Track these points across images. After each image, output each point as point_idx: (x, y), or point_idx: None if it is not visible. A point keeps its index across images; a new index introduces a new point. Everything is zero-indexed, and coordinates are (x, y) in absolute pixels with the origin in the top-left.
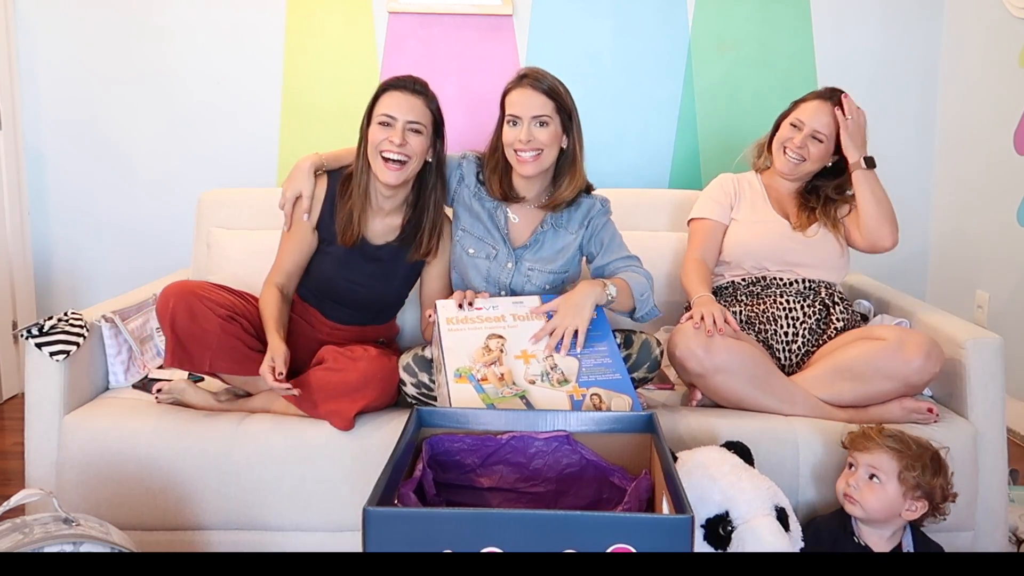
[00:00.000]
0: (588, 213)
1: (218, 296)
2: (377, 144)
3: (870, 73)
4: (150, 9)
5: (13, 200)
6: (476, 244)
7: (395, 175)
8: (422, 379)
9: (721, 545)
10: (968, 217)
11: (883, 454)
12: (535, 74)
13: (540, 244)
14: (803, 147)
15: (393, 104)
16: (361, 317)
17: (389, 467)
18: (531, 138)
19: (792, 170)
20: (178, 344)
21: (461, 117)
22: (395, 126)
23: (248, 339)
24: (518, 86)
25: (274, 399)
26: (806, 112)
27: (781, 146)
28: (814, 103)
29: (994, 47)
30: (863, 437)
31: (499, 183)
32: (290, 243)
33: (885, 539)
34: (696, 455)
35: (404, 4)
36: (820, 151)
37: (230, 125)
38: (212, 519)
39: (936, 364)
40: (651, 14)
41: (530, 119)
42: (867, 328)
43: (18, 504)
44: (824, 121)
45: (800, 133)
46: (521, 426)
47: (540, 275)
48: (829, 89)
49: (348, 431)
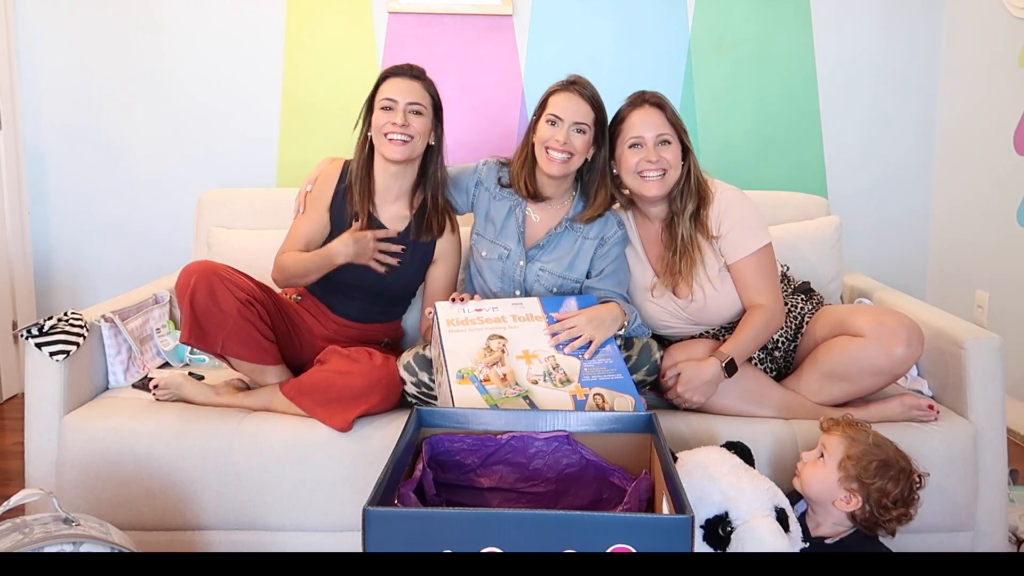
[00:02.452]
0: (604, 230)
1: (239, 280)
2: (381, 127)
3: (870, 73)
4: (150, 9)
5: (13, 200)
6: (488, 247)
7: (400, 151)
8: (422, 378)
9: (720, 546)
10: (968, 217)
11: (837, 437)
12: (583, 82)
13: (554, 244)
14: (657, 159)
15: (393, 89)
16: (369, 312)
17: (389, 467)
18: (567, 141)
19: (662, 188)
20: (195, 322)
21: (461, 117)
22: (397, 108)
23: (263, 327)
24: (565, 90)
25: (274, 397)
26: (642, 127)
27: (636, 172)
28: (638, 114)
29: (994, 47)
30: (833, 422)
31: (525, 180)
32: (302, 222)
33: (823, 528)
34: (696, 455)
35: (404, 4)
36: (672, 153)
37: (230, 125)
38: (212, 519)
39: (918, 348)
40: (651, 14)
41: (571, 123)
42: (843, 318)
43: (18, 504)
44: (660, 124)
45: (648, 148)
46: (521, 426)
47: (551, 277)
48: (631, 97)
49: (347, 432)
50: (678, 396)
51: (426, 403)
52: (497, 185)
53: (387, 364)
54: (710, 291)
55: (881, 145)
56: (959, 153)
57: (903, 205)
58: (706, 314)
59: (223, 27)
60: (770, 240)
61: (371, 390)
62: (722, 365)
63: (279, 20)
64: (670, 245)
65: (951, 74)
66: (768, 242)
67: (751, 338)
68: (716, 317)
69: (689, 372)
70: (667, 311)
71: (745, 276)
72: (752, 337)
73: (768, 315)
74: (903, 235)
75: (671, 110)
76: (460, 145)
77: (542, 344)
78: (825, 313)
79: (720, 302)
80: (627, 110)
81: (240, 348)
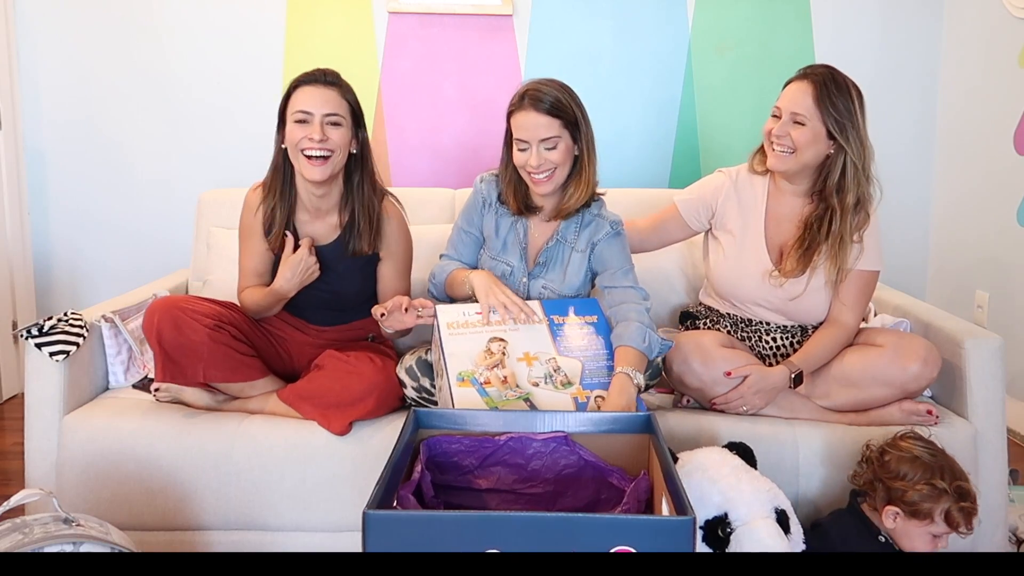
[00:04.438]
0: (593, 235)
1: (203, 307)
2: (297, 143)
3: (870, 73)
4: (150, 9)
5: (13, 200)
6: (491, 264)
7: (320, 171)
8: (424, 384)
9: (720, 547)
10: (968, 217)
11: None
12: (535, 93)
13: (550, 260)
14: (784, 135)
15: (307, 99)
16: (341, 316)
17: (388, 469)
18: (542, 161)
19: (782, 164)
20: (167, 358)
21: (461, 117)
22: (312, 122)
23: (238, 345)
24: (520, 108)
25: (269, 402)
26: (783, 98)
27: (768, 140)
28: (790, 87)
29: (994, 47)
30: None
31: (515, 197)
32: (246, 258)
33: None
34: (696, 456)
35: (404, 4)
36: (805, 135)
37: (230, 125)
38: (212, 519)
39: (933, 369)
40: (651, 14)
41: (538, 143)
42: (863, 332)
43: (18, 504)
44: (801, 102)
45: (779, 121)
46: (519, 427)
47: (554, 296)
48: (803, 69)
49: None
50: (740, 398)
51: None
52: (498, 201)
53: (385, 369)
54: (815, 287)
55: (881, 145)
56: (959, 153)
57: (903, 205)
58: (801, 311)
59: (224, 27)
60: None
61: (368, 394)
62: (791, 376)
63: (279, 20)
64: (812, 232)
65: (951, 74)
66: (881, 269)
67: (822, 356)
68: (806, 315)
69: (756, 376)
70: (766, 292)
71: (849, 288)
72: (824, 355)
73: (845, 337)
74: (903, 235)
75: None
76: (461, 144)
77: (543, 346)
78: None
79: (816, 300)
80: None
81: (222, 372)
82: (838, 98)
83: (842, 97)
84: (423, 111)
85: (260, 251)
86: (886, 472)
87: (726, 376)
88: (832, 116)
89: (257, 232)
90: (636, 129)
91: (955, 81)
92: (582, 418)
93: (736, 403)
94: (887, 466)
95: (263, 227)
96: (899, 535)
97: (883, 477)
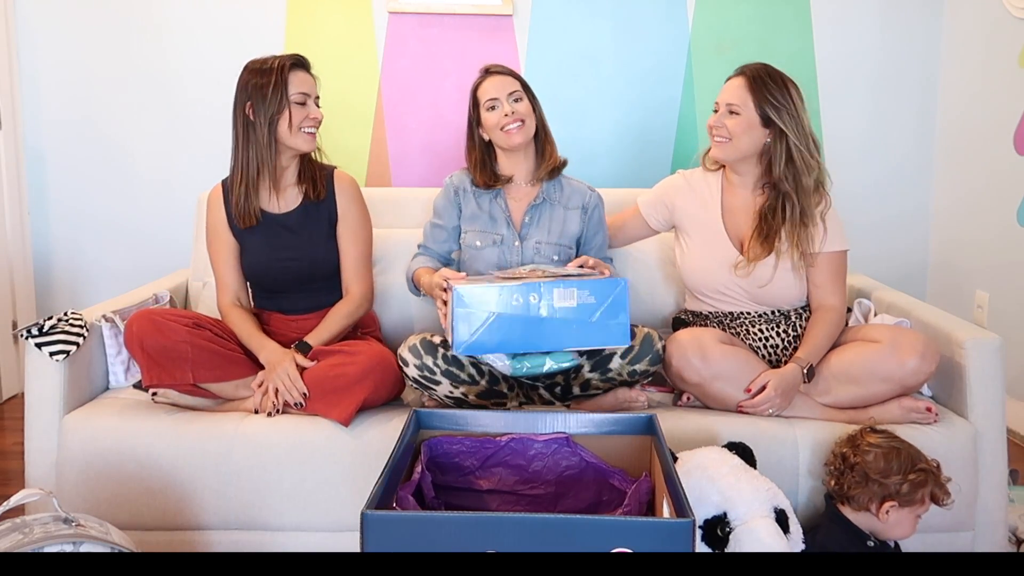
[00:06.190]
0: (586, 200)
1: (179, 312)
2: (300, 123)
3: (870, 73)
4: (150, 9)
5: (13, 200)
6: (481, 236)
7: (313, 141)
8: (426, 362)
9: (719, 546)
10: (968, 217)
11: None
12: (495, 66)
13: (539, 216)
14: (720, 125)
15: (303, 83)
16: (317, 298)
17: (387, 470)
18: (513, 111)
19: (721, 152)
20: (152, 362)
21: (461, 117)
22: (308, 103)
23: (221, 342)
24: (485, 78)
25: None
26: (720, 93)
27: (709, 134)
28: (727, 83)
29: (994, 47)
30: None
31: (483, 172)
32: (217, 257)
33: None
34: (696, 456)
35: (404, 4)
36: (740, 124)
37: (230, 125)
38: (212, 519)
39: (931, 364)
40: (651, 14)
41: (506, 96)
42: (861, 329)
43: (18, 504)
44: (735, 93)
45: (716, 114)
46: (520, 428)
47: (549, 247)
48: (739, 67)
49: (348, 428)
50: (768, 401)
51: (427, 387)
52: (471, 185)
53: (383, 351)
54: (782, 272)
55: (881, 145)
56: (959, 153)
57: (903, 205)
58: (773, 296)
59: (224, 26)
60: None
61: (367, 376)
62: (803, 371)
63: (279, 20)
64: (768, 222)
65: (951, 74)
66: (848, 248)
67: (824, 343)
68: (779, 300)
69: (775, 380)
70: (736, 282)
71: (824, 272)
72: (825, 342)
73: (837, 318)
74: (903, 235)
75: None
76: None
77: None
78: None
79: (786, 283)
80: None
81: (211, 372)
82: (771, 87)
83: (775, 86)
84: (423, 111)
85: (229, 248)
86: (875, 471)
87: (747, 392)
88: (766, 103)
89: (223, 228)
90: (636, 129)
91: (955, 81)
92: (583, 419)
93: (764, 407)
94: (872, 465)
95: (236, 215)
96: (891, 526)
97: (874, 477)
